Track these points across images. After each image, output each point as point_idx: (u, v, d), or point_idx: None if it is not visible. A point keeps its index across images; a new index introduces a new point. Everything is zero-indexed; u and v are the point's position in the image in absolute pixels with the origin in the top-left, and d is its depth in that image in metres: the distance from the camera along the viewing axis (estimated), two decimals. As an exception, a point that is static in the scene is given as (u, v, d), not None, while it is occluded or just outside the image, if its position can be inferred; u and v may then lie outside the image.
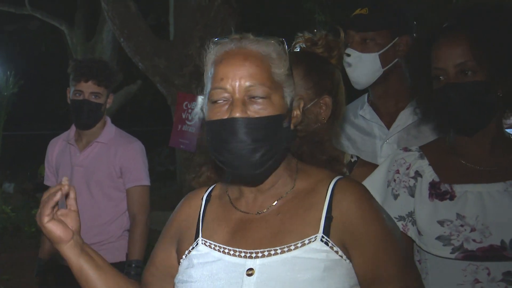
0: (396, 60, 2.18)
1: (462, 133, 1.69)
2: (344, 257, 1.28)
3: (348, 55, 1.94)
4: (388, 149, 2.18)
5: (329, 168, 1.42)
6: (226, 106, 1.28)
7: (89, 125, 3.01)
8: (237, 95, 1.27)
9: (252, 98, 1.27)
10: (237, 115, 1.26)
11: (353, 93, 2.23)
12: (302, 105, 1.38)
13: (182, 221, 1.47)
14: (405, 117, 2.20)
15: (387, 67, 2.17)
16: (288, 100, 1.33)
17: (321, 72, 1.75)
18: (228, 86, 1.28)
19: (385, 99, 2.26)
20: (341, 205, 1.30)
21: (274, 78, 1.30)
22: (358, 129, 2.33)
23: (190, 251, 1.40)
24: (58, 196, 1.34)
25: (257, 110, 1.27)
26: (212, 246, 1.37)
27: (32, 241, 7.53)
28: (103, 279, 1.41)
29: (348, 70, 2.16)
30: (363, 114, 2.32)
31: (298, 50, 1.82)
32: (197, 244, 1.40)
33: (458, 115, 1.64)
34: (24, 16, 10.68)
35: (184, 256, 1.41)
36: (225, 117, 1.27)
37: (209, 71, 1.33)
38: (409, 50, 2.13)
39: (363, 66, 2.16)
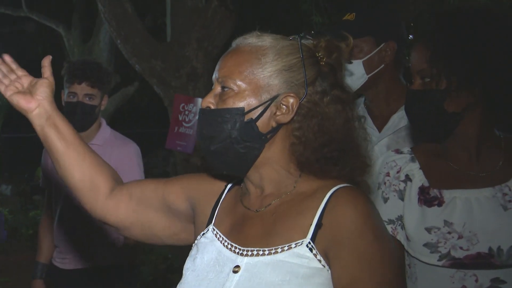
0: (382, 66, 2.15)
1: (428, 139, 1.67)
2: (327, 266, 1.23)
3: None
4: (378, 152, 2.15)
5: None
6: None
7: (84, 127, 2.98)
8: (214, 86, 1.35)
9: (223, 89, 1.32)
10: (203, 105, 1.33)
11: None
12: (294, 105, 1.29)
13: (203, 190, 1.48)
14: (397, 120, 2.18)
15: (371, 74, 2.15)
16: (263, 97, 1.28)
17: None
18: (213, 77, 1.36)
19: (377, 103, 2.24)
20: (333, 213, 1.24)
21: (251, 75, 1.29)
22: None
23: (200, 237, 1.41)
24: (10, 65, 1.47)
25: (223, 100, 1.30)
26: (218, 236, 1.37)
27: (29, 244, 7.52)
28: (65, 151, 1.44)
29: None
30: None
31: None
32: (208, 230, 1.40)
33: (416, 122, 1.64)
34: (21, 18, 10.64)
35: (196, 241, 1.42)
36: None
37: None
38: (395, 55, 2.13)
39: (347, 73, 2.15)
